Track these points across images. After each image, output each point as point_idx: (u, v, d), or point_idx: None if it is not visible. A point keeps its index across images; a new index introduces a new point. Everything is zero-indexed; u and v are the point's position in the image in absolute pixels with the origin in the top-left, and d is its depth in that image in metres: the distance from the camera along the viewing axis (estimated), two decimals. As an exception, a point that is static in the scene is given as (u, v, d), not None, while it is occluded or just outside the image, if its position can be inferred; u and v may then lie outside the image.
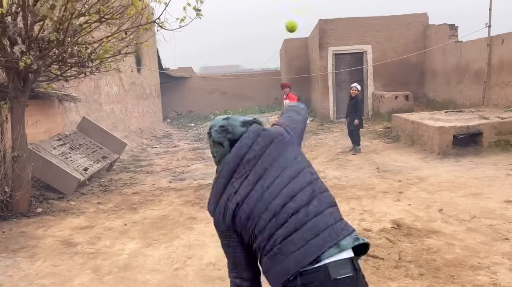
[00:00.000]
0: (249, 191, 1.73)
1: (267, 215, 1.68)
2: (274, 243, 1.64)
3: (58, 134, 7.82)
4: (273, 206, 1.69)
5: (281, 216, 1.67)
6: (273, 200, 1.70)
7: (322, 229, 1.65)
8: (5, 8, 4.86)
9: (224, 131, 1.87)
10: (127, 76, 13.03)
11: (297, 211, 1.67)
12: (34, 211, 5.80)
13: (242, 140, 1.84)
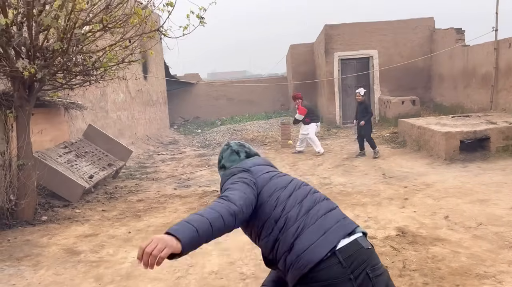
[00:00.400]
0: (281, 176, 2.08)
1: (301, 194, 1.98)
2: (314, 215, 1.87)
3: (64, 142, 7.87)
4: (305, 190, 2.03)
5: (315, 198, 1.97)
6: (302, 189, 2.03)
7: (345, 215, 1.97)
8: (10, 18, 4.92)
9: (242, 146, 2.26)
10: (133, 83, 13.11)
11: (326, 199, 2.01)
12: (39, 219, 5.83)
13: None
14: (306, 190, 2.01)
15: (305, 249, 1.77)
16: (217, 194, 6.94)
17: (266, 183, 1.98)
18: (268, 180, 1.99)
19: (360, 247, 1.80)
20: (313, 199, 1.95)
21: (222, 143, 13.37)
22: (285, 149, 11.56)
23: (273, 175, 2.04)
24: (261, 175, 2.02)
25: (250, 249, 4.45)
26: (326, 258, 1.74)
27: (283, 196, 1.93)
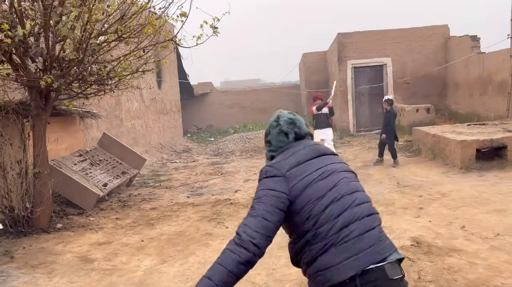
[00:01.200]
0: (324, 178, 1.84)
1: (339, 206, 1.76)
2: (347, 236, 1.69)
3: (79, 150, 7.97)
4: (346, 201, 1.79)
5: (354, 214, 1.75)
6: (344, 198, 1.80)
7: (385, 236, 1.80)
8: (28, 29, 5.02)
9: (292, 124, 2.00)
10: (147, 92, 13.24)
11: (368, 215, 1.79)
12: (54, 227, 5.89)
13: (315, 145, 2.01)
14: (347, 203, 1.77)
15: (327, 267, 1.68)
16: (229, 203, 6.95)
17: (301, 192, 1.77)
18: (303, 189, 1.77)
19: (385, 277, 1.65)
20: (352, 215, 1.74)
21: (234, 151, 13.40)
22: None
23: (313, 178, 1.80)
24: (298, 182, 1.79)
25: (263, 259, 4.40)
26: (346, 282, 1.64)
27: (317, 209, 1.74)
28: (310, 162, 1.86)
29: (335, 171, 1.87)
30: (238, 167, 10.74)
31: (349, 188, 1.83)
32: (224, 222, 5.90)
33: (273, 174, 1.82)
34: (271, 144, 2.00)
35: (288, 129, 1.98)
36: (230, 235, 5.36)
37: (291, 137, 1.97)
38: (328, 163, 1.89)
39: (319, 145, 2.02)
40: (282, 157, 1.91)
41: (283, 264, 4.25)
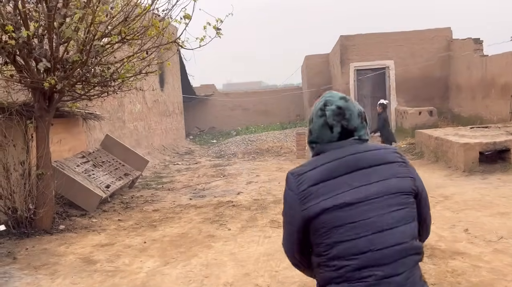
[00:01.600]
0: (349, 205, 1.48)
1: (362, 245, 1.44)
2: (365, 278, 1.43)
3: (82, 152, 7.99)
4: (374, 240, 1.45)
5: (381, 256, 1.44)
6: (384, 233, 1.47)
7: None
8: (32, 31, 5.04)
9: (341, 115, 1.60)
10: (150, 94, 13.27)
11: (400, 258, 1.47)
12: (56, 228, 5.90)
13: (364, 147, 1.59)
14: (376, 242, 1.44)
15: None
16: (232, 205, 6.94)
17: (316, 216, 1.48)
18: (320, 213, 1.47)
19: None
20: (378, 257, 1.44)
21: (237, 153, 13.40)
22: (300, 160, 11.51)
23: (335, 203, 1.46)
24: (314, 204, 1.48)
25: (266, 261, 4.43)
26: None
27: (332, 240, 1.47)
28: (337, 180, 1.50)
29: (370, 197, 1.48)
30: (240, 169, 10.74)
31: (383, 223, 1.46)
32: (226, 224, 5.89)
33: (289, 187, 1.58)
34: (312, 134, 1.66)
35: (333, 122, 1.59)
36: (233, 237, 5.39)
37: (336, 132, 1.59)
38: (364, 183, 1.50)
39: (365, 152, 1.57)
40: (314, 164, 1.58)
41: (286, 267, 4.24)
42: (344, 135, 1.59)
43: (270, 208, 6.57)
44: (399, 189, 1.52)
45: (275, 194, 7.55)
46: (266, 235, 5.29)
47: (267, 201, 7.08)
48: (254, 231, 5.50)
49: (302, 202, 1.51)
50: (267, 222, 5.86)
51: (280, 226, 5.61)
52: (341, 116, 1.60)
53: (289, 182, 1.59)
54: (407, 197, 1.52)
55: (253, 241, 5.11)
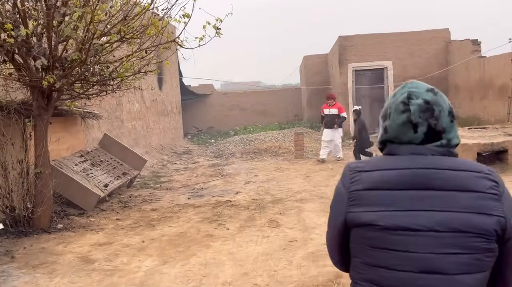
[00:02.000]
0: (398, 229, 1.20)
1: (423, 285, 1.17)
2: None
3: (80, 151, 7.97)
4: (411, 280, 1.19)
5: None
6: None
7: None
8: (30, 29, 5.02)
9: (429, 112, 1.27)
10: (148, 93, 13.25)
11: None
12: (54, 227, 5.88)
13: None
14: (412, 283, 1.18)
15: None
16: (230, 205, 6.94)
17: (355, 226, 1.27)
18: (360, 224, 1.25)
19: None
20: None
21: (235, 153, 13.39)
22: (298, 160, 11.52)
23: (387, 222, 1.20)
24: (359, 212, 1.25)
25: (264, 260, 4.43)
26: None
27: (366, 260, 1.26)
28: (397, 194, 1.22)
29: (427, 228, 1.17)
30: (238, 169, 10.74)
31: (435, 264, 1.16)
32: (225, 223, 5.89)
33: (342, 181, 1.35)
34: (388, 132, 1.33)
35: (419, 120, 1.26)
36: (231, 237, 5.39)
37: (420, 132, 1.26)
38: (428, 208, 1.19)
39: (447, 170, 1.22)
40: (378, 164, 1.31)
41: (284, 266, 4.25)
42: (429, 136, 1.27)
43: (269, 208, 6.57)
44: (471, 228, 1.16)
45: (274, 194, 7.56)
46: (264, 235, 5.29)
47: (265, 201, 7.08)
48: (253, 230, 5.51)
49: (349, 203, 1.28)
50: (265, 222, 5.86)
51: (278, 226, 5.62)
52: (429, 113, 1.27)
53: (344, 176, 1.35)
54: (482, 241, 1.16)
55: (252, 240, 5.12)
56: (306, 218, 5.92)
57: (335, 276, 3.91)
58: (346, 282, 3.78)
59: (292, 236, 5.16)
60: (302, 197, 7.18)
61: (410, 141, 1.28)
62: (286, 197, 7.29)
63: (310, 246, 4.79)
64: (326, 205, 6.53)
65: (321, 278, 3.92)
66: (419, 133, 1.27)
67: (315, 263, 4.28)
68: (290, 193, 7.59)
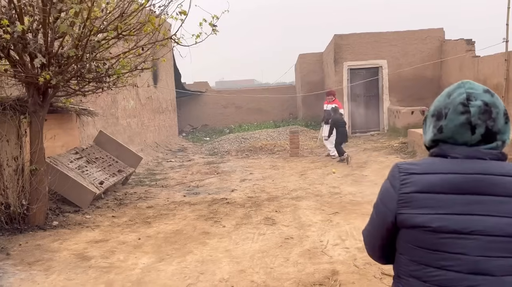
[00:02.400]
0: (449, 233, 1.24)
1: (448, 279, 1.23)
2: None
3: (75, 148, 7.94)
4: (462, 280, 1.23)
5: None
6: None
7: None
8: (26, 25, 4.99)
9: (487, 114, 1.29)
10: (143, 91, 13.22)
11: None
12: (50, 224, 5.87)
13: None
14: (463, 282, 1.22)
15: None
16: (226, 202, 6.95)
17: (406, 227, 1.30)
18: (411, 226, 1.28)
19: None
20: None
21: (230, 151, 13.39)
22: (293, 158, 11.55)
23: (442, 226, 1.23)
24: (410, 215, 1.28)
25: (261, 258, 4.45)
26: None
27: (415, 258, 1.30)
28: (451, 198, 1.25)
29: (480, 232, 1.21)
30: (234, 167, 10.75)
31: (486, 267, 1.20)
32: (221, 221, 5.90)
33: (391, 182, 1.36)
34: (443, 132, 1.33)
35: (478, 121, 1.28)
36: (227, 234, 5.40)
37: (478, 134, 1.29)
38: (481, 212, 1.23)
39: (503, 176, 1.25)
40: (430, 167, 1.31)
41: (281, 263, 4.27)
42: (486, 138, 1.30)
43: (264, 206, 6.59)
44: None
45: (269, 192, 7.58)
46: (260, 233, 5.31)
47: (261, 198, 7.10)
48: (249, 228, 5.52)
49: (399, 205, 1.30)
50: (261, 219, 5.88)
51: (274, 224, 5.64)
52: (487, 114, 1.29)
53: (393, 177, 1.36)
54: None
55: (248, 238, 5.13)
56: (302, 215, 5.95)
57: (332, 273, 3.94)
58: (343, 279, 3.81)
59: (288, 234, 5.19)
60: (298, 195, 7.21)
61: (465, 142, 1.31)
62: (281, 194, 7.31)
63: (306, 243, 4.81)
64: (322, 203, 6.57)
65: (317, 275, 3.94)
66: (477, 135, 1.29)
67: (312, 260, 4.30)
68: (286, 191, 7.61)
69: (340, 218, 5.70)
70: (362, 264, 4.11)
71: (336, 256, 4.38)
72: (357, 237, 4.89)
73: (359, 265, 4.11)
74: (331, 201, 6.69)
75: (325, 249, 4.59)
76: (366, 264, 4.10)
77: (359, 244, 4.64)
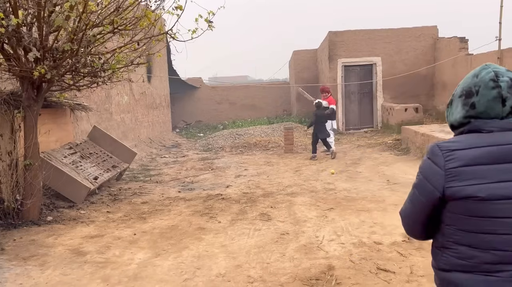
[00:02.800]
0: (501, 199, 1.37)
1: (505, 242, 1.37)
2: (498, 272, 1.37)
3: (69, 143, 7.89)
4: None
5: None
6: None
7: None
8: (21, 19, 4.94)
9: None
10: (137, 86, 13.15)
11: None
12: (44, 219, 5.83)
13: None
14: None
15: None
16: (221, 198, 6.96)
17: (457, 199, 1.41)
18: (462, 197, 1.40)
19: None
20: None
21: (224, 147, 13.39)
22: (288, 154, 11.58)
23: (489, 194, 1.37)
24: (460, 187, 1.40)
25: (257, 253, 4.46)
26: None
27: (468, 227, 1.41)
28: (494, 168, 1.39)
29: None
30: (228, 163, 10.75)
31: None
32: (216, 216, 5.91)
33: (434, 161, 1.47)
34: (476, 108, 1.49)
35: (508, 95, 1.45)
36: (223, 230, 5.41)
37: (508, 106, 1.45)
38: None
39: None
40: (469, 142, 1.45)
41: (277, 259, 4.29)
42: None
43: (259, 201, 6.61)
44: None
45: (264, 188, 7.59)
46: (256, 228, 5.32)
47: (256, 194, 7.12)
48: (244, 223, 5.53)
49: (448, 179, 1.42)
50: (256, 215, 5.89)
51: (269, 220, 5.66)
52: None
53: (435, 156, 1.47)
54: None
55: (244, 233, 5.15)
56: (297, 211, 5.97)
57: (328, 268, 3.97)
58: (339, 274, 3.84)
59: (284, 229, 5.21)
60: (293, 191, 7.23)
61: (497, 115, 1.46)
62: (276, 190, 7.33)
63: (302, 239, 4.84)
64: (317, 199, 6.59)
65: (313, 270, 3.97)
66: (507, 107, 1.45)
67: (308, 255, 4.33)
68: (281, 187, 7.63)
69: (335, 214, 5.73)
70: (357, 259, 4.14)
71: (332, 251, 4.41)
72: (352, 233, 4.92)
73: (354, 260, 4.14)
74: (326, 197, 6.72)
75: (321, 245, 4.62)
76: (361, 259, 4.13)
77: (355, 240, 4.68)
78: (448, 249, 1.46)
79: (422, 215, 1.53)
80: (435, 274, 1.55)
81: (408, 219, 1.62)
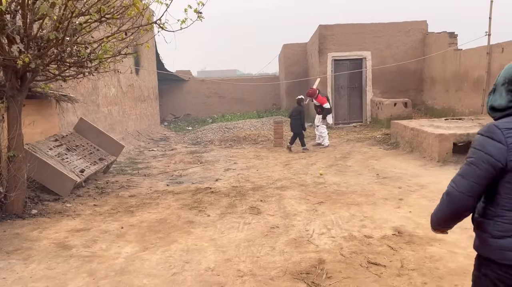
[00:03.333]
0: None
1: None
2: None
3: (55, 135, 7.72)
4: None
5: None
6: None
7: None
8: (4, 6, 4.78)
9: None
10: (125, 78, 12.96)
11: None
12: (29, 213, 5.70)
13: None
14: None
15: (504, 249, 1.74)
16: (210, 191, 6.88)
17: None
18: None
19: None
20: None
21: (214, 140, 13.28)
22: (277, 148, 11.53)
23: None
24: None
25: (246, 247, 4.40)
26: None
27: None
28: None
29: None
30: (217, 156, 10.66)
31: None
32: (205, 210, 5.83)
33: (494, 138, 1.72)
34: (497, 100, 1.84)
35: None
36: (212, 223, 5.34)
37: None
38: None
39: None
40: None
41: (267, 252, 4.24)
42: None
43: (249, 195, 6.54)
44: None
45: (254, 181, 7.53)
46: (246, 222, 5.26)
47: (245, 188, 7.05)
48: (234, 217, 5.47)
49: (509, 154, 1.66)
50: (246, 208, 5.83)
51: (259, 213, 5.60)
52: None
53: (494, 133, 1.71)
54: None
55: (233, 227, 5.08)
56: (287, 205, 5.93)
57: (318, 262, 3.93)
58: (330, 268, 3.80)
59: (274, 223, 5.15)
60: (282, 185, 7.19)
61: None
62: (266, 184, 7.28)
63: (292, 232, 4.79)
64: (307, 193, 6.55)
65: (304, 263, 3.92)
66: None
67: (298, 249, 4.28)
68: (270, 180, 7.58)
69: (325, 208, 5.70)
70: (348, 253, 4.11)
71: (322, 245, 4.37)
72: (342, 227, 4.89)
73: (345, 254, 4.10)
74: (316, 191, 6.68)
75: (311, 238, 4.57)
76: (352, 253, 4.10)
77: (345, 233, 4.64)
78: (502, 217, 1.73)
79: (481, 188, 1.74)
80: (482, 244, 1.81)
81: (462, 196, 1.76)
